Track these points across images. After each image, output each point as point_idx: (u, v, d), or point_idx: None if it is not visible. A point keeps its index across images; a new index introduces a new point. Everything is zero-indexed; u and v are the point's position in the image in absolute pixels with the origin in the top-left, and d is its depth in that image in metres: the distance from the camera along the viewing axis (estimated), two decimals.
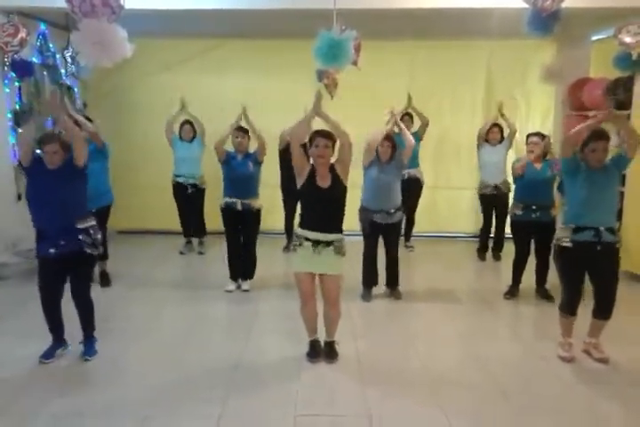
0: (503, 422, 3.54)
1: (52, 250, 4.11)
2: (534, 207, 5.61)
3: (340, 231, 4.21)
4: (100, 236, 4.31)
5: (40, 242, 4.21)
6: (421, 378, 4.07)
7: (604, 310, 4.27)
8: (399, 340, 4.81)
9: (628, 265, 6.14)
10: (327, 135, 4.14)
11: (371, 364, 4.28)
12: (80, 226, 4.17)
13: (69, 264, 4.19)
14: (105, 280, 6.14)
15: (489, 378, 4.08)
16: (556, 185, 5.75)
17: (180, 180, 7.40)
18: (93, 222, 4.28)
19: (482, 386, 3.96)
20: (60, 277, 4.26)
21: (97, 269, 5.78)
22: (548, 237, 5.53)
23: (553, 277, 5.25)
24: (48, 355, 4.28)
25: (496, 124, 7.26)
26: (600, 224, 4.14)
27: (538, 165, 5.61)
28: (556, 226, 5.54)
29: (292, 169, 4.28)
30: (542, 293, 5.78)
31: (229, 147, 5.92)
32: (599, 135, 4.18)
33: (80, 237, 4.15)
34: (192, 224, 7.68)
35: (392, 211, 5.62)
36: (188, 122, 7.39)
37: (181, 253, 7.63)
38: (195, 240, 7.77)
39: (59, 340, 4.38)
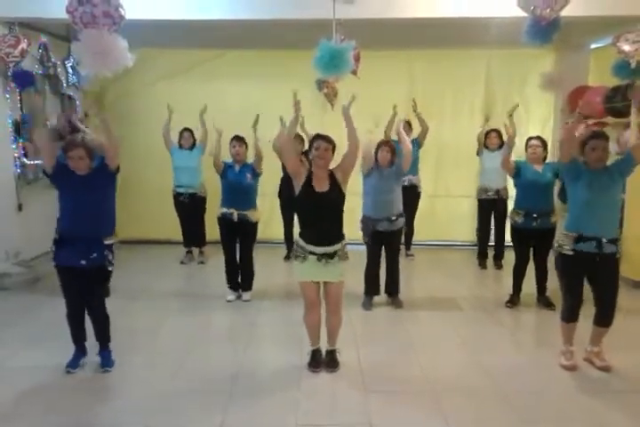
0: None
1: (83, 262, 4.07)
2: (535, 215, 5.57)
3: (342, 238, 4.21)
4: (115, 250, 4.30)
5: (60, 249, 4.14)
6: (423, 386, 4.06)
7: (604, 317, 4.26)
8: (400, 348, 4.79)
9: (629, 272, 6.13)
10: (327, 139, 4.19)
11: (372, 372, 4.27)
12: (106, 242, 4.16)
13: (87, 277, 4.16)
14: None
15: (491, 386, 4.07)
16: (556, 191, 5.75)
17: (181, 190, 7.40)
18: (115, 240, 4.28)
19: (484, 394, 3.95)
20: (81, 286, 4.22)
21: None
22: (547, 244, 5.55)
23: (553, 284, 5.26)
24: (74, 364, 4.28)
25: (494, 130, 7.27)
26: (602, 235, 4.12)
27: (539, 167, 5.60)
28: (555, 233, 5.55)
29: (290, 179, 4.29)
30: (543, 301, 5.77)
31: (225, 155, 5.92)
32: (599, 134, 4.19)
33: (105, 252, 4.15)
34: (193, 234, 7.68)
35: (394, 218, 5.62)
36: (186, 129, 7.39)
37: (182, 262, 7.63)
38: (195, 250, 7.76)
39: (82, 350, 4.38)
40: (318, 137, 4.22)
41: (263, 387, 4.05)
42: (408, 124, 7.50)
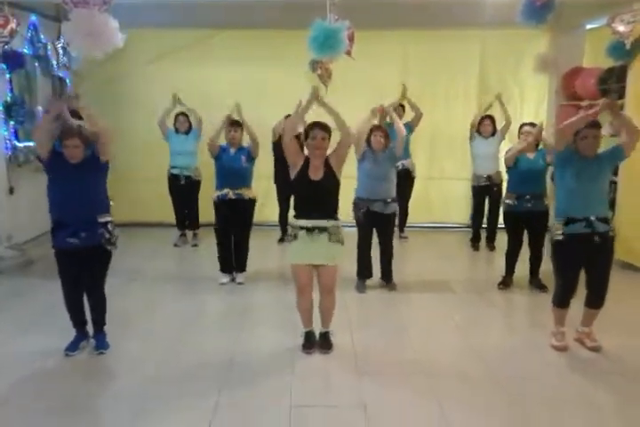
0: (498, 411, 3.55)
1: (71, 240, 4.06)
2: (528, 197, 5.59)
3: (334, 218, 4.19)
4: (116, 232, 4.28)
5: (57, 233, 4.14)
6: (416, 368, 4.08)
7: (596, 298, 4.29)
8: (394, 330, 4.82)
9: (620, 254, 6.15)
10: (324, 127, 4.12)
11: (365, 355, 4.28)
12: (100, 220, 4.15)
13: (86, 258, 4.15)
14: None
15: (483, 368, 4.10)
16: (549, 175, 5.75)
17: (175, 171, 7.37)
18: (111, 218, 4.26)
19: (476, 376, 3.98)
20: (80, 270, 4.21)
21: None
22: (542, 226, 5.58)
23: (545, 267, 5.29)
24: (73, 348, 4.27)
25: (488, 117, 7.25)
26: (591, 214, 4.13)
27: (531, 155, 5.59)
28: (549, 216, 5.57)
29: (285, 162, 4.27)
30: (536, 283, 5.80)
31: (223, 141, 5.90)
32: (590, 123, 4.17)
33: (100, 230, 4.13)
34: (186, 217, 7.67)
35: (389, 200, 5.61)
36: (182, 113, 7.36)
37: (176, 245, 7.62)
38: (189, 233, 7.76)
39: (82, 333, 4.37)
40: (315, 125, 4.15)
41: (257, 369, 4.06)
42: (402, 108, 7.48)
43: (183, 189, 7.43)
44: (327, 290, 4.29)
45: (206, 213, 6.91)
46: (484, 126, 7.19)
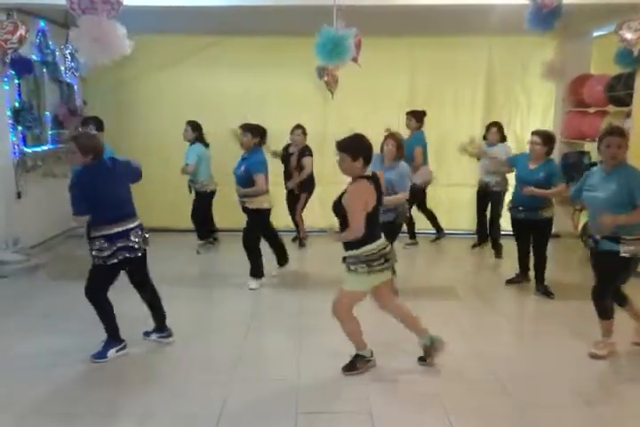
0: (504, 418, 3.53)
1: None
2: (520, 208, 5.63)
3: (349, 248, 3.90)
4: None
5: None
6: (422, 374, 4.07)
7: None
8: (399, 336, 4.79)
9: None
10: (344, 148, 3.83)
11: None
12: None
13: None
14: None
15: (490, 374, 4.08)
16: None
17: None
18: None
19: (482, 382, 3.96)
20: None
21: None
22: (540, 234, 5.64)
23: (551, 274, 5.27)
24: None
25: (495, 124, 7.20)
26: None
27: (533, 165, 5.52)
28: (550, 224, 5.60)
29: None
30: (542, 289, 5.76)
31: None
32: (613, 131, 4.15)
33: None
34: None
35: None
36: (188, 122, 7.14)
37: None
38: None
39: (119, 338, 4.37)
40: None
41: (263, 375, 4.06)
42: (411, 116, 7.41)
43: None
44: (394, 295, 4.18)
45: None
46: (491, 134, 7.15)
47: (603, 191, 4.13)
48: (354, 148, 3.80)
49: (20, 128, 6.76)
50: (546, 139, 5.48)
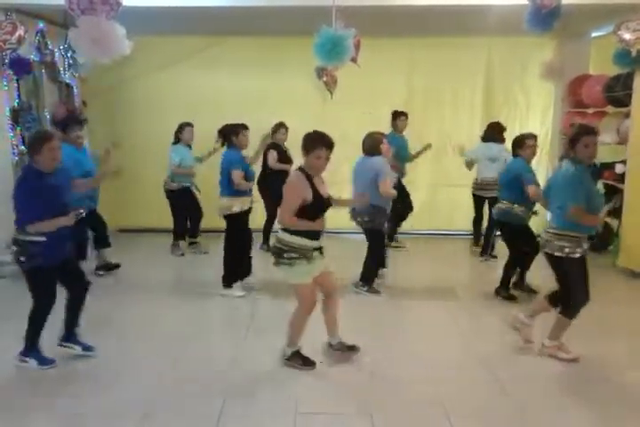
0: (504, 418, 3.54)
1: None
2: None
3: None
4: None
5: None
6: (421, 375, 4.07)
7: None
8: (399, 337, 4.80)
9: (629, 263, 6.08)
10: (331, 146, 3.88)
11: (370, 361, 4.27)
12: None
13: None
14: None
15: (489, 375, 4.08)
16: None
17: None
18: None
19: (482, 383, 3.97)
20: None
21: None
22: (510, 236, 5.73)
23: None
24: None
25: (496, 123, 7.19)
26: None
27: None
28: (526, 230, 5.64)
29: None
30: (525, 288, 5.85)
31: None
32: (590, 130, 4.15)
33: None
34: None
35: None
36: (188, 124, 7.21)
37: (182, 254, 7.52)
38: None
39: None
40: (321, 143, 3.85)
41: (262, 376, 4.06)
42: (405, 117, 7.39)
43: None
44: (336, 290, 4.24)
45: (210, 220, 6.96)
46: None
47: None
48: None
49: (18, 128, 6.75)
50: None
